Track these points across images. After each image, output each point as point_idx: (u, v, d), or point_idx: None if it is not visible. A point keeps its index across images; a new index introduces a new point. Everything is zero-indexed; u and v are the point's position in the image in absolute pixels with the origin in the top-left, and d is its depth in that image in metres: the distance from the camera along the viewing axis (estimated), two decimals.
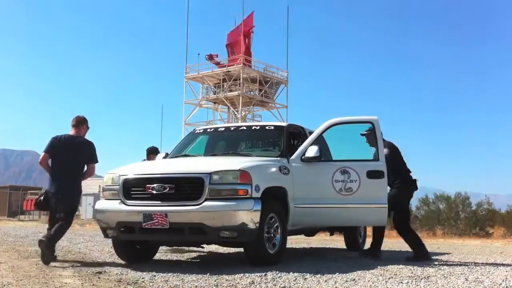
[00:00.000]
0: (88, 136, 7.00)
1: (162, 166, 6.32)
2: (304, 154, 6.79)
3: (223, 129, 8.20)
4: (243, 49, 37.99)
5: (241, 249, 6.77)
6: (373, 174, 6.77)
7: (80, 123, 6.94)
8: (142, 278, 5.06)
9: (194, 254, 8.02)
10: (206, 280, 4.94)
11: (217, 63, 39.03)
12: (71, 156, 6.64)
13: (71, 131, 6.89)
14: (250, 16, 39.81)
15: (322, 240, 13.31)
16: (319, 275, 5.31)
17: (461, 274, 5.62)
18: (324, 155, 8.06)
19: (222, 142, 8.00)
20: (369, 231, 15.75)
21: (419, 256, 7.17)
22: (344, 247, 9.44)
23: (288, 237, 6.95)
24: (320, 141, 8.35)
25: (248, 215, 5.62)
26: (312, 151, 6.73)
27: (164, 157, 7.41)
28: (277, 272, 5.39)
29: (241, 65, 37.29)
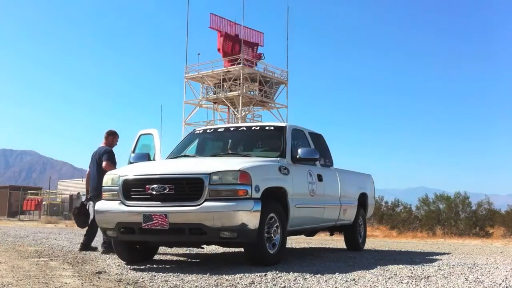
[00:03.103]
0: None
1: (162, 167, 6.31)
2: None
3: (223, 129, 8.20)
4: (253, 54, 38.69)
5: (241, 249, 6.77)
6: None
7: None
8: (142, 278, 5.07)
9: (194, 254, 8.02)
10: (206, 280, 4.94)
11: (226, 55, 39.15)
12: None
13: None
14: (260, 35, 40.55)
15: (322, 240, 13.32)
16: (319, 275, 5.31)
17: (461, 274, 5.62)
18: (324, 156, 8.08)
19: (222, 142, 8.00)
20: (369, 231, 15.72)
21: None
22: (344, 247, 9.45)
23: (288, 237, 6.96)
24: (320, 141, 8.38)
25: (248, 216, 5.62)
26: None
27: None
28: (277, 272, 5.40)
29: (241, 65, 37.32)
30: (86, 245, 8.26)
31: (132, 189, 5.95)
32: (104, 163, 8.20)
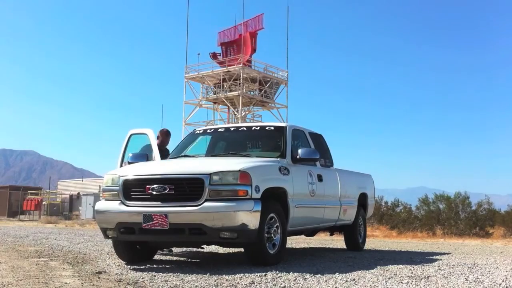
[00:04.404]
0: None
1: (162, 167, 6.31)
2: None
3: (223, 129, 8.20)
4: (250, 50, 38.19)
5: (241, 249, 6.77)
6: None
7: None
8: (142, 278, 5.07)
9: (194, 254, 8.03)
10: (206, 280, 4.94)
11: (221, 62, 39.05)
12: None
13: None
14: (259, 17, 39.90)
15: (322, 240, 13.32)
16: (319, 275, 5.32)
17: (461, 274, 5.63)
18: (324, 156, 8.08)
19: (222, 142, 8.00)
20: (369, 231, 15.70)
21: None
22: (344, 247, 9.46)
23: (288, 237, 6.96)
24: (320, 141, 8.38)
25: (248, 216, 5.62)
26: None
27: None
28: (277, 272, 5.40)
29: (241, 65, 37.31)
30: None
31: (132, 189, 5.95)
32: None
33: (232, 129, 8.11)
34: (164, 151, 8.19)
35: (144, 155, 7.58)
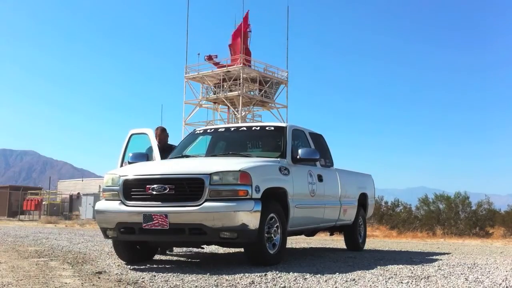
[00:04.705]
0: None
1: (162, 167, 6.31)
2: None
3: (223, 129, 8.20)
4: (242, 49, 38.05)
5: (241, 249, 6.77)
6: None
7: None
8: (142, 278, 5.07)
9: (194, 254, 8.03)
10: (206, 280, 4.95)
11: (216, 64, 39.09)
12: None
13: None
14: (246, 16, 39.85)
15: (322, 240, 13.32)
16: (319, 275, 5.32)
17: (461, 274, 5.63)
18: (324, 156, 8.09)
19: (222, 142, 8.00)
20: (369, 231, 15.69)
21: None
22: (344, 247, 9.46)
23: (288, 237, 6.96)
24: (320, 142, 8.38)
25: (248, 216, 5.62)
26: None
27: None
28: (277, 272, 5.40)
29: (241, 65, 37.30)
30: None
31: (132, 189, 5.95)
32: None
33: (232, 129, 8.11)
34: (170, 148, 8.16)
35: (144, 155, 7.58)
